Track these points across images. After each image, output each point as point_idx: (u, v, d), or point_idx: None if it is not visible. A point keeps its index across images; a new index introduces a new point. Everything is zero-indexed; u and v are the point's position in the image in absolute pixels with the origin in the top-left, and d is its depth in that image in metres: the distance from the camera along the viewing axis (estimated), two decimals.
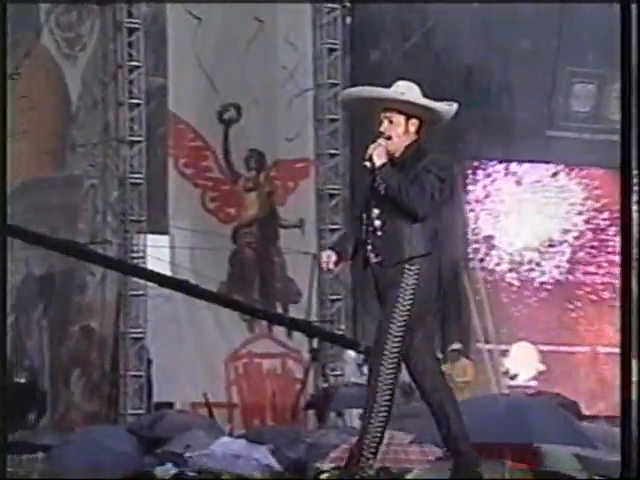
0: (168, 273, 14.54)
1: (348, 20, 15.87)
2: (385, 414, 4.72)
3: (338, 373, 14.95)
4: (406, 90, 4.91)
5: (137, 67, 14.88)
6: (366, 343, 13.51)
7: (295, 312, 14.96)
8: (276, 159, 15.37)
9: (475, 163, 16.46)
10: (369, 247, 4.86)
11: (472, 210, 16.50)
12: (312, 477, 10.14)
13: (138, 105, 14.90)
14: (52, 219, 15.29)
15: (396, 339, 4.73)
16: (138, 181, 14.72)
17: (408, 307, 4.75)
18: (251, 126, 15.26)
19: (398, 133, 4.85)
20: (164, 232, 14.95)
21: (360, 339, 14.68)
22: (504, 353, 16.10)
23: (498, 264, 16.55)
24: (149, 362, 14.71)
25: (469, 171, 16.40)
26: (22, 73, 15.69)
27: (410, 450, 9.71)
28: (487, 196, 16.67)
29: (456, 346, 14.54)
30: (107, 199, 15.00)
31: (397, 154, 4.86)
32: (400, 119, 4.86)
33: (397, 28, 16.21)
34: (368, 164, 4.83)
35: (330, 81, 15.31)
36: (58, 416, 15.34)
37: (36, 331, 15.84)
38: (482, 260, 16.41)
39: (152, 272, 14.31)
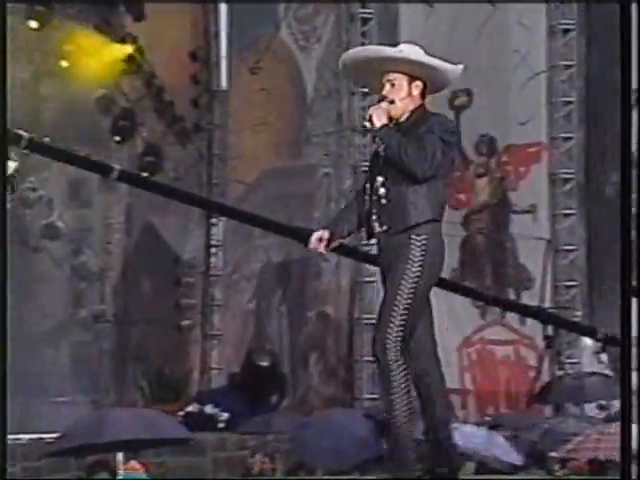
0: None
1: None
2: (406, 398, 4.41)
3: (574, 361, 14.16)
4: (407, 50, 4.53)
5: None
6: (605, 331, 12.82)
7: (528, 298, 14.32)
8: (508, 144, 14.78)
9: None
10: (374, 217, 4.54)
11: None
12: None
13: (370, 94, 14.61)
14: (289, 207, 15.31)
15: (401, 317, 4.42)
16: None
17: (415, 282, 4.43)
18: (482, 111, 14.75)
19: (401, 96, 4.53)
20: None
21: (597, 326, 13.86)
22: None
23: None
24: None
25: None
26: (262, 67, 15.86)
27: None
28: None
29: None
30: (340, 187, 14.89)
31: (402, 119, 4.55)
32: (402, 82, 4.55)
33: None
34: (368, 124, 4.52)
35: (564, 63, 14.53)
36: (298, 399, 15.35)
37: (275, 316, 15.93)
38: None
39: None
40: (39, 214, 18.01)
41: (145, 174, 15.43)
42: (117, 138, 15.73)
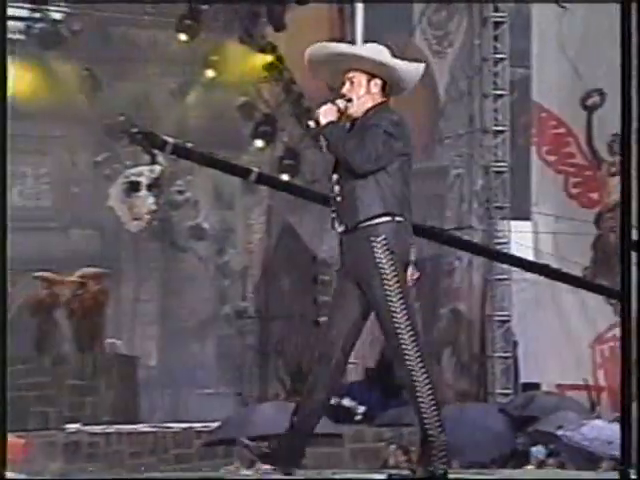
0: (531, 258, 14.10)
1: None
2: (434, 403, 4.33)
3: None
4: (369, 48, 4.44)
5: (502, 59, 14.66)
6: None
7: None
8: None
9: None
10: (333, 215, 4.47)
11: None
12: None
13: (502, 96, 14.63)
14: (421, 208, 15.34)
15: (404, 320, 4.30)
16: (502, 169, 14.53)
17: (398, 284, 4.29)
18: (615, 111, 14.41)
19: (359, 94, 4.45)
20: (527, 218, 14.62)
21: None
22: None
23: None
24: (515, 344, 14.39)
25: None
26: None
27: None
28: None
29: None
30: (472, 187, 14.90)
31: (358, 115, 4.44)
32: (362, 79, 4.45)
33: None
34: (312, 124, 4.36)
35: None
36: None
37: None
38: None
39: (515, 257, 13.93)
40: (186, 216, 18.53)
41: (284, 177, 15.69)
42: (259, 143, 16.03)
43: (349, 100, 4.44)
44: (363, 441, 12.81)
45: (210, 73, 15.43)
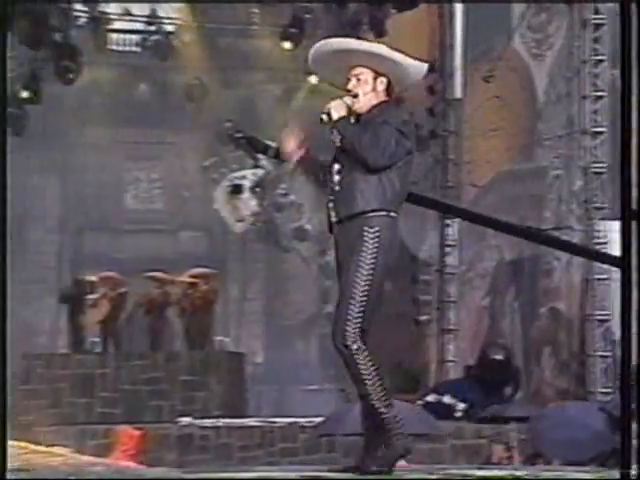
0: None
1: None
2: (380, 384, 4.23)
3: None
4: (375, 46, 4.44)
5: (601, 61, 14.53)
6: None
7: None
8: None
9: None
10: (330, 205, 4.45)
11: None
12: None
13: (601, 97, 14.54)
14: (520, 209, 15.33)
15: (359, 309, 4.29)
16: (601, 170, 14.40)
17: (369, 273, 4.28)
18: None
19: (365, 90, 4.41)
20: None
21: None
22: None
23: None
24: (615, 343, 14.26)
25: None
26: (495, 75, 15.93)
27: None
28: None
29: None
30: (571, 188, 14.81)
31: (363, 111, 4.41)
32: (368, 76, 4.41)
33: None
34: (325, 118, 4.38)
35: None
36: (531, 391, 15.34)
37: (508, 312, 15.98)
38: None
39: (614, 257, 13.82)
40: (290, 218, 18.77)
41: None
42: None
43: (355, 96, 4.45)
44: (464, 438, 12.87)
45: (313, 79, 15.67)
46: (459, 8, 17.03)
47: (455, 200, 16.59)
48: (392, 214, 4.42)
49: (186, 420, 12.32)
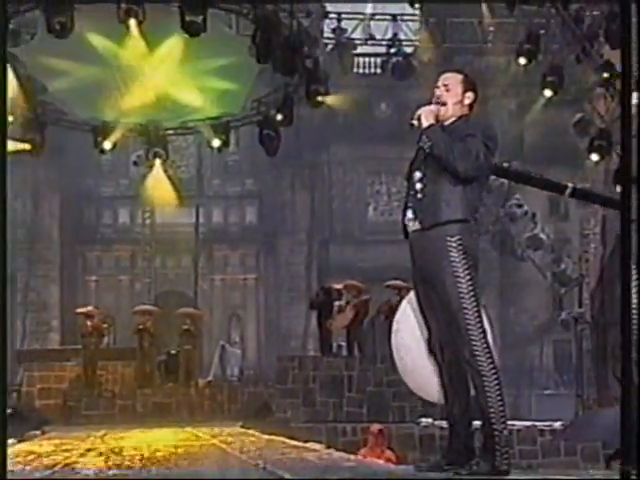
0: None
1: None
2: (500, 399, 3.97)
3: None
4: None
5: None
6: None
7: None
8: None
9: None
10: (409, 212, 4.20)
11: None
12: None
13: None
14: None
15: (475, 318, 3.98)
16: None
17: (469, 280, 4.02)
18: None
19: (453, 101, 4.23)
20: None
21: None
22: None
23: None
24: None
25: None
26: None
27: None
28: None
29: None
30: None
31: (447, 122, 4.21)
32: (458, 89, 4.23)
33: None
34: (415, 123, 4.19)
35: None
36: None
37: None
38: None
39: None
40: (524, 227, 18.34)
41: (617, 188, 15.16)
42: (594, 157, 15.59)
43: (443, 104, 4.26)
44: None
45: (547, 93, 15.22)
46: None
47: None
48: (469, 222, 4.23)
49: (426, 421, 12.19)
